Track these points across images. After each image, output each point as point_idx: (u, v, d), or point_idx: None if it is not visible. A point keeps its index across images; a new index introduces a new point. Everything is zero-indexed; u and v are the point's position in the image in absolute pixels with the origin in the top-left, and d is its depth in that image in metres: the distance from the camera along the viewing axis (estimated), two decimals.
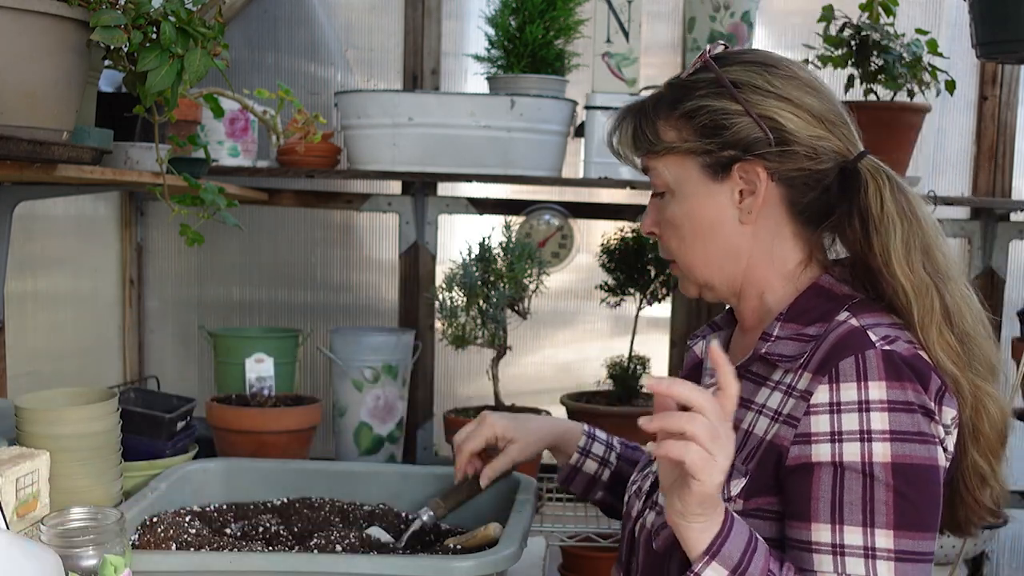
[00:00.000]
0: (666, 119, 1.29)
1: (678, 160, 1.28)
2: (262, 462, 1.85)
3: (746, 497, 1.19)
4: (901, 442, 1.11)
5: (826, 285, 1.27)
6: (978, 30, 1.99)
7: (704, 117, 1.25)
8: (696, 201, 1.28)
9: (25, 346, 2.27)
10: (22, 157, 1.33)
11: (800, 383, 1.18)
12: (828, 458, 1.12)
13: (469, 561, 1.36)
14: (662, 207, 1.32)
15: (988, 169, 2.91)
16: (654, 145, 1.29)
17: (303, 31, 2.84)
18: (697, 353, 1.43)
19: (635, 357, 2.60)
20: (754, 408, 1.23)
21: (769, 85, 1.25)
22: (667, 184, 1.30)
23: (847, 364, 1.14)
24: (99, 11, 1.30)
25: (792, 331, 1.23)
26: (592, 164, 2.54)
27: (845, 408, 1.12)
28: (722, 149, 1.25)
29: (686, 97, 1.27)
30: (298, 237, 2.90)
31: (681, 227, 1.30)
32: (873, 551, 1.10)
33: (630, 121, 1.33)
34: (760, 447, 1.19)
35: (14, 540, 1.06)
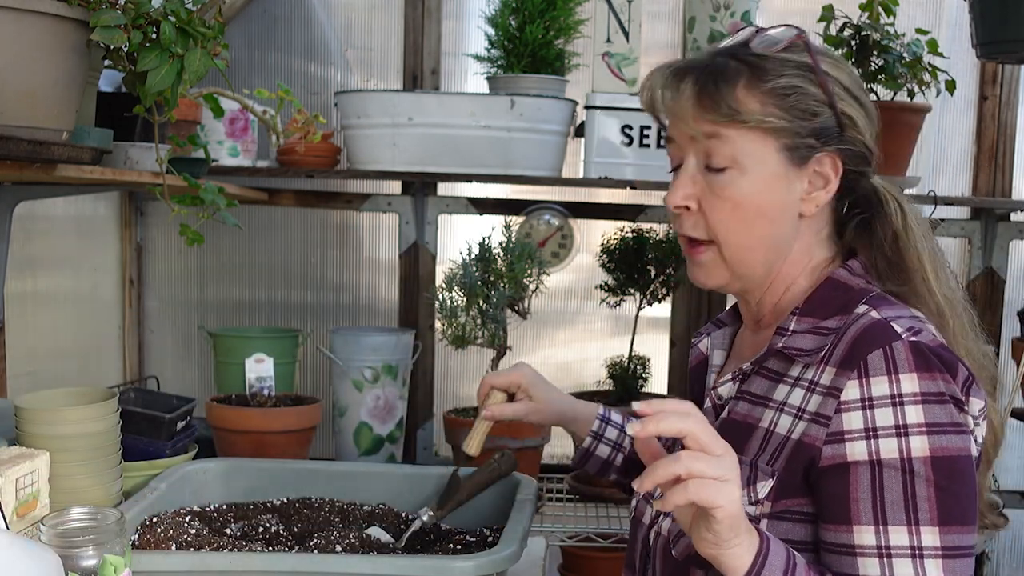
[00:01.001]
0: (749, 89, 1.19)
1: (757, 136, 1.19)
2: (262, 462, 1.85)
3: (774, 499, 1.15)
4: (938, 434, 1.08)
5: (841, 279, 1.24)
6: (978, 30, 1.99)
7: (796, 98, 1.19)
8: (768, 184, 1.20)
9: (25, 346, 2.27)
10: (22, 157, 1.33)
11: (823, 378, 1.14)
12: (864, 456, 1.09)
13: (469, 561, 1.36)
14: (720, 184, 1.21)
15: (988, 169, 2.91)
16: (736, 113, 1.18)
17: (303, 31, 2.84)
18: (702, 350, 1.40)
19: (635, 357, 2.60)
20: (773, 406, 1.20)
21: (848, 81, 1.22)
22: (734, 158, 1.20)
23: (875, 357, 1.10)
24: (99, 11, 1.30)
25: (809, 325, 1.21)
26: (592, 164, 2.54)
27: (878, 403, 1.09)
28: (807, 136, 1.20)
29: (776, 72, 1.19)
30: (298, 237, 2.90)
31: (745, 208, 1.21)
32: (920, 550, 1.06)
33: (693, 80, 1.20)
34: (786, 446, 1.15)
35: (14, 540, 1.06)
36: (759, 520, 1.15)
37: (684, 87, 1.20)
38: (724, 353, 1.38)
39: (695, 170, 1.23)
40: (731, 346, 1.38)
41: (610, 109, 2.51)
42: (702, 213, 1.23)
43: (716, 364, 1.37)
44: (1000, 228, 2.87)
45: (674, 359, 2.91)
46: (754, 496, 1.15)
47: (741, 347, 1.36)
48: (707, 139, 1.21)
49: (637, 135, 2.52)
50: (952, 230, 2.88)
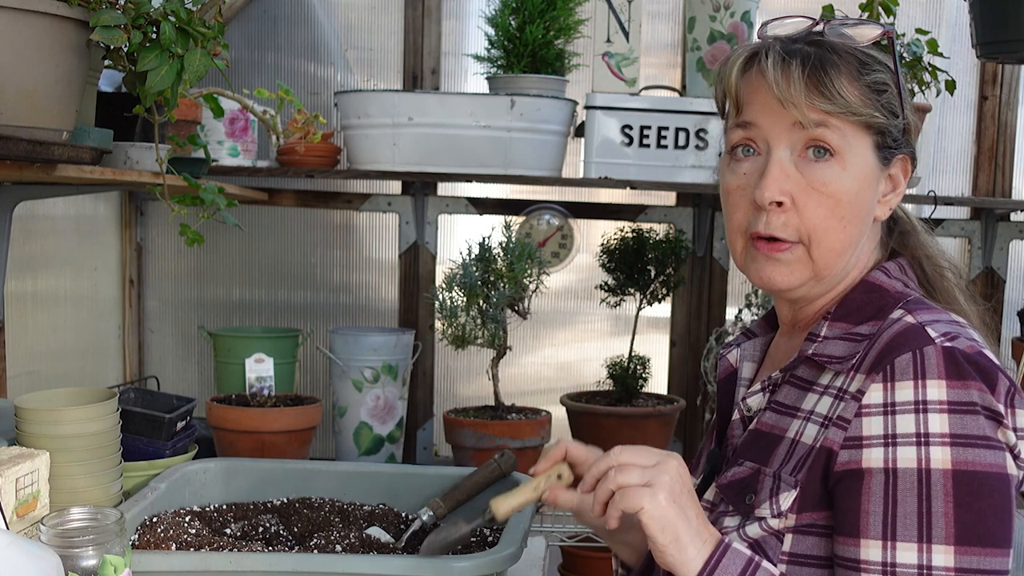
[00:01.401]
0: (851, 80, 1.12)
1: (858, 130, 1.13)
2: (262, 462, 1.85)
3: (798, 511, 1.08)
4: (963, 447, 1.01)
5: (876, 281, 1.18)
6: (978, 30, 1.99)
7: (888, 96, 1.14)
8: (864, 181, 1.14)
9: (25, 346, 2.27)
10: (22, 157, 1.33)
11: (852, 385, 1.08)
12: (880, 464, 1.03)
13: (469, 561, 1.36)
14: (822, 177, 1.13)
15: (988, 169, 2.91)
16: (847, 104, 1.11)
17: (303, 31, 2.84)
18: (731, 361, 1.31)
19: (635, 357, 2.60)
20: (800, 415, 1.13)
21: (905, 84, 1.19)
22: (842, 148, 1.12)
23: (903, 361, 1.04)
24: (99, 11, 1.30)
25: (842, 330, 1.15)
26: (592, 164, 2.54)
27: (900, 409, 1.03)
28: (893, 135, 1.16)
29: (872, 67, 1.14)
30: (298, 237, 2.90)
31: (845, 204, 1.13)
32: (929, 570, 1.00)
33: (800, 63, 1.11)
34: (810, 455, 1.09)
35: (14, 540, 1.06)
36: (783, 534, 1.09)
37: (794, 71, 1.11)
38: (754, 365, 1.31)
39: (787, 162, 1.13)
40: (763, 357, 1.31)
41: (610, 109, 2.51)
42: (796, 210, 1.13)
43: (746, 377, 1.29)
44: (1000, 228, 2.87)
45: (674, 359, 2.91)
46: (776, 508, 1.09)
47: (776, 355, 1.28)
48: (816, 128, 1.12)
49: (637, 135, 2.52)
50: (952, 230, 2.88)
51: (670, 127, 2.53)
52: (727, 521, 1.14)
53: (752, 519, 1.11)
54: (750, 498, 1.12)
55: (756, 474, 1.13)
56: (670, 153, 2.53)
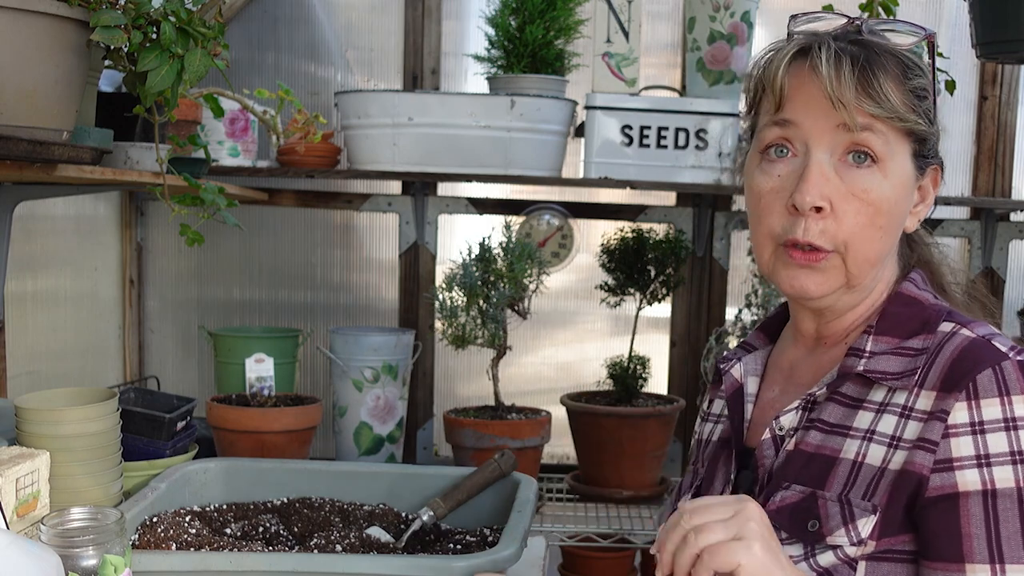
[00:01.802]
0: (896, 84, 1.08)
1: (898, 137, 1.09)
2: (262, 462, 1.85)
3: (878, 537, 1.04)
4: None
5: (911, 293, 1.15)
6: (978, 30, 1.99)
7: (928, 102, 1.10)
8: (903, 190, 1.11)
9: (25, 346, 2.27)
10: (22, 157, 1.33)
11: (920, 403, 1.05)
12: (977, 486, 1.00)
13: (469, 561, 1.36)
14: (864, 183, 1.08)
15: (988, 169, 2.91)
16: (894, 108, 1.06)
17: (303, 31, 2.84)
18: (736, 377, 1.26)
19: (635, 357, 2.60)
20: (856, 435, 1.09)
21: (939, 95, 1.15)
22: (885, 154, 1.08)
23: (985, 378, 1.02)
24: (99, 11, 1.30)
25: (890, 345, 1.11)
26: (592, 164, 2.54)
27: (990, 427, 1.01)
28: (930, 143, 1.12)
29: (915, 72, 1.10)
30: (298, 237, 2.90)
31: (884, 213, 1.09)
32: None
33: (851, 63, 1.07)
34: (882, 477, 1.05)
35: (14, 540, 1.06)
36: (856, 562, 1.05)
37: (845, 69, 1.06)
38: (757, 380, 1.27)
39: (827, 166, 1.08)
40: (764, 371, 1.28)
41: (610, 109, 2.51)
42: (834, 216, 1.08)
43: (751, 392, 1.26)
44: (1000, 228, 2.87)
45: (674, 359, 2.91)
46: (856, 536, 1.04)
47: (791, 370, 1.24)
48: (862, 131, 1.07)
49: (637, 135, 2.53)
50: (952, 230, 2.88)
51: (670, 127, 2.53)
52: (788, 550, 1.07)
53: (823, 547, 1.06)
54: (814, 524, 1.07)
55: (812, 498, 1.08)
56: (670, 153, 2.54)
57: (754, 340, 1.30)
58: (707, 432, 1.33)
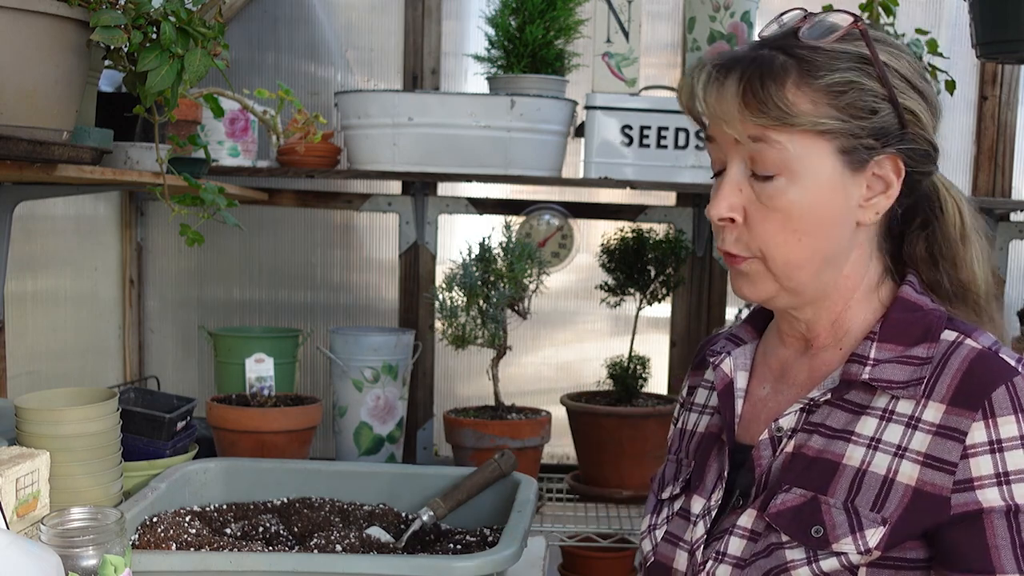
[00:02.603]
0: (799, 87, 1.07)
1: (811, 139, 1.07)
2: (262, 462, 1.85)
3: (884, 548, 1.05)
4: None
5: (911, 298, 1.15)
6: (978, 30, 1.99)
7: (853, 95, 1.07)
8: (824, 192, 1.09)
9: (25, 346, 2.27)
10: (22, 157, 1.33)
11: (927, 414, 1.06)
12: (1000, 503, 1.01)
13: (469, 561, 1.36)
14: (768, 193, 1.10)
15: (988, 169, 2.91)
16: (786, 116, 1.06)
17: (303, 31, 2.84)
18: (726, 371, 1.25)
19: (635, 357, 2.60)
20: (860, 441, 1.09)
21: (908, 71, 1.11)
22: (786, 164, 1.08)
23: (1000, 396, 1.03)
24: (99, 11, 1.30)
25: (894, 353, 1.11)
26: (592, 164, 2.54)
27: (1008, 446, 1.02)
28: (866, 136, 1.08)
29: (828, 67, 1.07)
30: (298, 237, 2.90)
31: (796, 219, 1.09)
32: None
33: (737, 76, 1.08)
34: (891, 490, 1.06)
35: (14, 540, 1.06)
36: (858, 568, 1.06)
37: (728, 86, 1.08)
38: (746, 374, 1.27)
39: (740, 177, 1.11)
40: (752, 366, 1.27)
41: (610, 109, 2.51)
42: (747, 226, 1.11)
43: (740, 387, 1.25)
44: (1000, 228, 2.87)
45: (674, 359, 2.91)
46: (864, 545, 1.05)
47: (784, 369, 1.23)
48: (753, 143, 1.09)
49: (637, 135, 2.53)
50: None
51: (670, 127, 2.53)
52: (790, 554, 1.08)
53: (828, 553, 1.06)
54: (818, 531, 1.07)
55: (814, 503, 1.08)
56: (670, 153, 2.54)
57: (742, 333, 1.30)
58: (692, 422, 1.31)
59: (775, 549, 1.09)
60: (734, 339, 1.29)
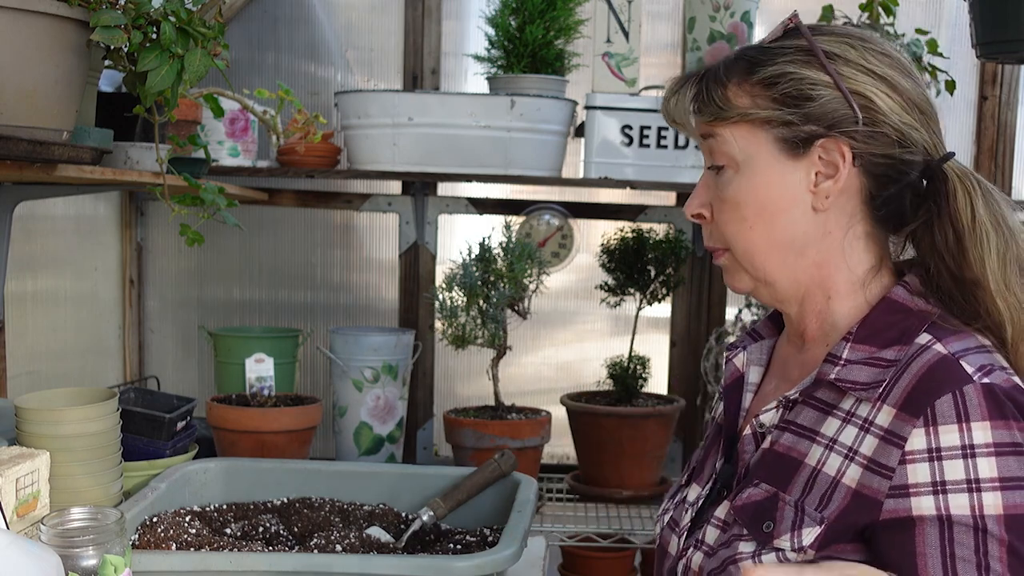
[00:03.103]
0: (739, 84, 1.14)
1: (749, 130, 1.14)
2: (262, 462, 1.85)
3: (819, 547, 1.05)
4: (1012, 490, 0.99)
5: (900, 299, 1.13)
6: (978, 30, 1.99)
7: (787, 85, 1.12)
8: (766, 178, 1.14)
9: (25, 346, 2.27)
10: (22, 157, 1.33)
11: (879, 418, 1.05)
12: (932, 511, 1.00)
13: (469, 561, 1.36)
14: (720, 185, 1.16)
15: (988, 169, 2.91)
16: (722, 111, 1.14)
17: (303, 31, 2.84)
18: (737, 366, 1.28)
19: (635, 357, 2.60)
20: (821, 441, 1.10)
21: (863, 59, 1.12)
22: (732, 157, 1.15)
23: (944, 404, 1.01)
24: (99, 11, 1.30)
25: (865, 354, 1.10)
26: (592, 164, 2.54)
27: (947, 455, 1.00)
28: (804, 122, 1.11)
29: (767, 62, 1.14)
30: (298, 237, 2.90)
31: (743, 207, 1.15)
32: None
33: (692, 85, 1.18)
34: (835, 491, 1.06)
35: (14, 540, 1.06)
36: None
37: (685, 91, 1.18)
38: (761, 369, 1.28)
39: (710, 177, 1.19)
40: (768, 361, 1.28)
41: (610, 109, 2.51)
42: (714, 221, 1.18)
43: (752, 382, 1.27)
44: None
45: (674, 359, 2.91)
46: (798, 543, 1.06)
47: (785, 365, 1.25)
48: (705, 140, 1.17)
49: (637, 135, 2.53)
50: None
51: (670, 127, 2.53)
52: (742, 546, 1.10)
53: (770, 548, 1.08)
54: (768, 526, 1.09)
55: (774, 499, 1.10)
56: (670, 153, 2.54)
57: (763, 329, 1.32)
58: (717, 412, 1.34)
59: (734, 540, 1.12)
60: (754, 335, 1.31)
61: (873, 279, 1.16)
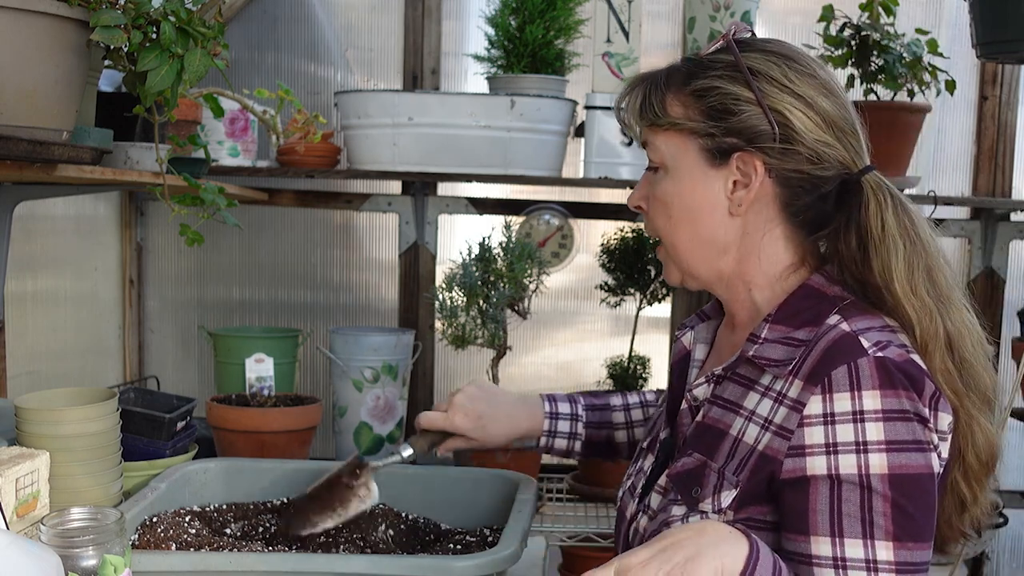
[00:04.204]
0: (676, 94, 1.25)
1: (679, 138, 1.25)
2: (262, 462, 1.85)
3: (736, 508, 1.17)
4: (897, 452, 1.09)
5: (816, 285, 1.24)
6: (978, 30, 1.99)
7: (714, 99, 1.22)
8: (689, 183, 1.25)
9: (25, 346, 2.27)
10: (22, 157, 1.33)
11: (791, 391, 1.15)
12: (824, 471, 1.10)
13: (469, 561, 1.36)
14: (654, 182, 1.30)
15: (988, 169, 2.91)
16: (658, 118, 1.26)
17: (303, 31, 2.84)
18: (685, 344, 1.40)
19: (635, 357, 2.60)
20: (743, 414, 1.21)
21: (785, 79, 1.21)
22: (663, 160, 1.27)
23: (840, 373, 1.11)
24: (99, 11, 1.30)
25: (780, 334, 1.21)
26: (592, 164, 2.54)
27: (839, 419, 1.10)
28: (725, 135, 1.22)
29: (700, 75, 1.24)
30: (298, 237, 2.90)
31: (669, 206, 1.28)
32: (875, 564, 1.08)
33: (640, 90, 1.29)
34: (751, 456, 1.17)
35: (14, 540, 1.06)
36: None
37: (634, 97, 1.29)
38: (707, 347, 1.39)
39: (649, 175, 1.31)
40: (713, 340, 1.39)
41: (610, 109, 2.51)
42: (648, 213, 1.32)
43: (698, 359, 1.38)
44: (1000, 228, 2.87)
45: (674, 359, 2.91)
46: (718, 504, 1.18)
47: (721, 345, 1.36)
48: (646, 144, 1.29)
49: None
50: (952, 230, 2.88)
51: None
52: (675, 510, 1.22)
53: (695, 511, 1.20)
54: (696, 491, 1.20)
55: (703, 467, 1.21)
56: None
57: (710, 310, 1.42)
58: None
59: (669, 504, 1.24)
60: (702, 315, 1.43)
61: (792, 274, 1.26)
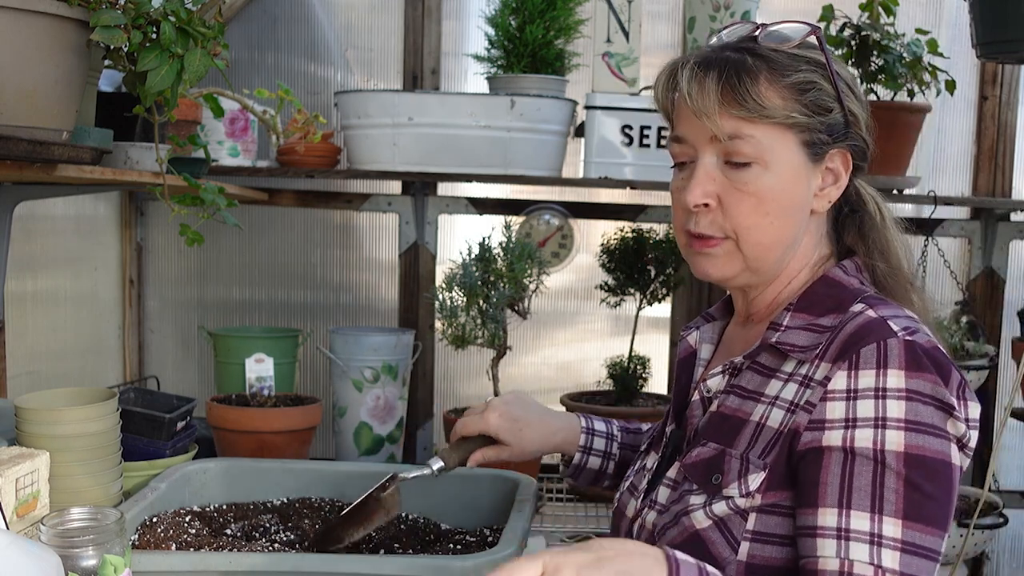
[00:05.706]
0: (770, 84, 1.19)
1: (779, 131, 1.20)
2: (262, 462, 1.85)
3: (764, 491, 1.15)
4: (916, 432, 1.08)
5: (836, 277, 1.25)
6: (978, 30, 1.99)
7: (814, 94, 1.21)
8: (789, 178, 1.21)
9: (25, 346, 2.27)
10: (22, 157, 1.33)
11: (817, 373, 1.15)
12: (839, 443, 1.10)
13: (469, 561, 1.36)
14: (742, 179, 1.21)
15: (988, 169, 2.91)
16: (762, 108, 1.18)
17: (303, 31, 2.84)
18: (691, 343, 1.40)
19: (635, 357, 2.60)
20: (764, 400, 1.20)
21: (850, 79, 1.26)
22: (760, 154, 1.20)
23: (868, 351, 1.11)
24: (99, 11, 1.30)
25: (804, 321, 1.21)
26: (592, 164, 2.54)
27: (861, 395, 1.10)
28: (823, 131, 1.22)
29: (794, 67, 1.20)
30: (298, 237, 2.90)
31: (767, 202, 1.21)
32: (879, 538, 1.06)
33: (717, 74, 1.20)
34: (778, 439, 1.16)
35: (14, 540, 1.06)
36: (748, 513, 1.15)
37: (708, 83, 1.20)
38: (712, 347, 1.39)
39: (712, 167, 1.22)
40: (719, 340, 1.39)
41: (610, 109, 2.51)
42: (721, 210, 1.22)
43: (704, 358, 1.38)
44: (1000, 228, 2.87)
45: (673, 359, 2.90)
46: (745, 488, 1.16)
47: (731, 342, 1.36)
48: (729, 140, 1.20)
49: (637, 135, 2.53)
50: (952, 230, 2.88)
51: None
52: (693, 499, 1.20)
53: (719, 498, 1.17)
54: (717, 478, 1.18)
55: (721, 455, 1.20)
56: None
57: (716, 311, 1.42)
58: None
59: (685, 495, 1.21)
60: (707, 316, 1.43)
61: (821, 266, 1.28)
